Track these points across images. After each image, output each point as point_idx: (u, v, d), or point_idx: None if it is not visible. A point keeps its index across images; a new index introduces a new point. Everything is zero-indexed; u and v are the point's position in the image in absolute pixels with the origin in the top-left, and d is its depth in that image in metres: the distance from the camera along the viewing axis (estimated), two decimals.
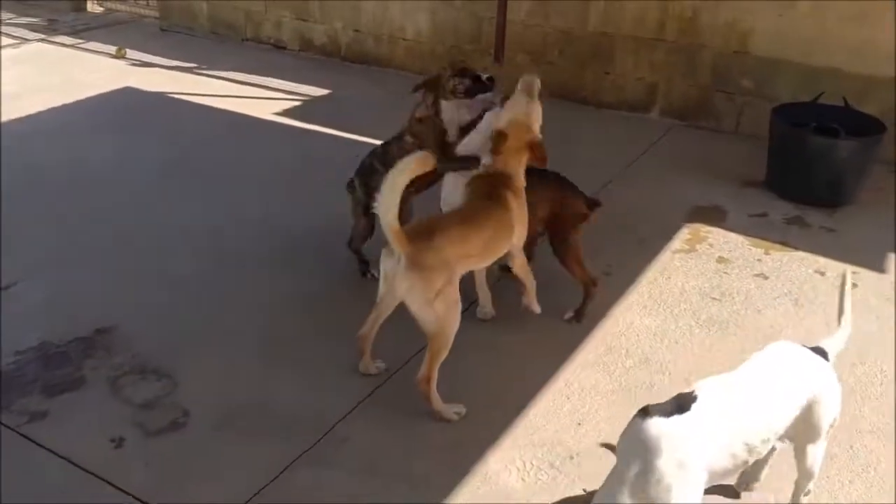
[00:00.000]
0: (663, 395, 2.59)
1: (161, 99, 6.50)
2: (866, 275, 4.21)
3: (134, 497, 2.75)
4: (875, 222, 4.73)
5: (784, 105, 5.16)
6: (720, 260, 4.32)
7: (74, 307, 3.77)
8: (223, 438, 3.04)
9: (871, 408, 3.27)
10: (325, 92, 6.75)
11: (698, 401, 2.21)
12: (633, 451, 2.16)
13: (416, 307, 2.97)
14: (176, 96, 6.54)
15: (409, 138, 3.71)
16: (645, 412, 2.20)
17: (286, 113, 6.27)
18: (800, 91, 5.38)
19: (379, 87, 6.82)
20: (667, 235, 4.53)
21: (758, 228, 4.66)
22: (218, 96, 6.55)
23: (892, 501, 2.44)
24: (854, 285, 4.11)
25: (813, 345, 2.56)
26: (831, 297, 4.00)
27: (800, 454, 2.49)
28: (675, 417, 2.16)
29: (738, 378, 2.37)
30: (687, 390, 2.29)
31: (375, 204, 2.82)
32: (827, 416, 2.42)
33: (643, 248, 4.38)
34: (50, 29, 8.31)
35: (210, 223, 4.58)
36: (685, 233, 4.58)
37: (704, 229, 4.62)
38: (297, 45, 7.67)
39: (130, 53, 7.54)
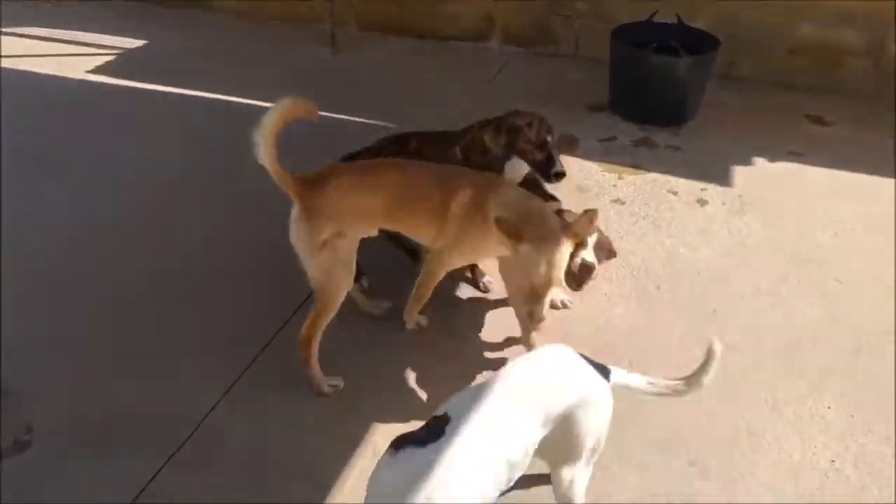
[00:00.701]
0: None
1: None
2: (713, 189, 4.32)
3: None
4: (716, 137, 4.86)
5: (622, 26, 5.15)
6: (578, 189, 4.31)
7: None
8: (78, 454, 2.73)
9: (735, 323, 3.36)
10: (141, 43, 6.17)
11: (451, 423, 2.00)
12: (393, 489, 1.91)
13: (301, 256, 2.85)
14: None
15: (457, 151, 3.32)
16: (396, 445, 1.98)
17: (101, 69, 5.68)
18: (633, 9, 5.38)
19: (201, 35, 6.30)
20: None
21: (609, 153, 4.68)
22: (25, 56, 5.81)
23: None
24: (704, 202, 4.21)
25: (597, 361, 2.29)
26: (686, 215, 4.09)
27: (555, 477, 2.22)
28: (431, 445, 1.95)
29: (495, 389, 2.09)
30: (439, 413, 2.07)
31: None
32: (587, 436, 2.15)
33: None
34: None
35: (24, 212, 4.09)
36: None
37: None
38: None
39: None
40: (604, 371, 2.24)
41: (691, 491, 2.64)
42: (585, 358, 2.23)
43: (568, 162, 4.51)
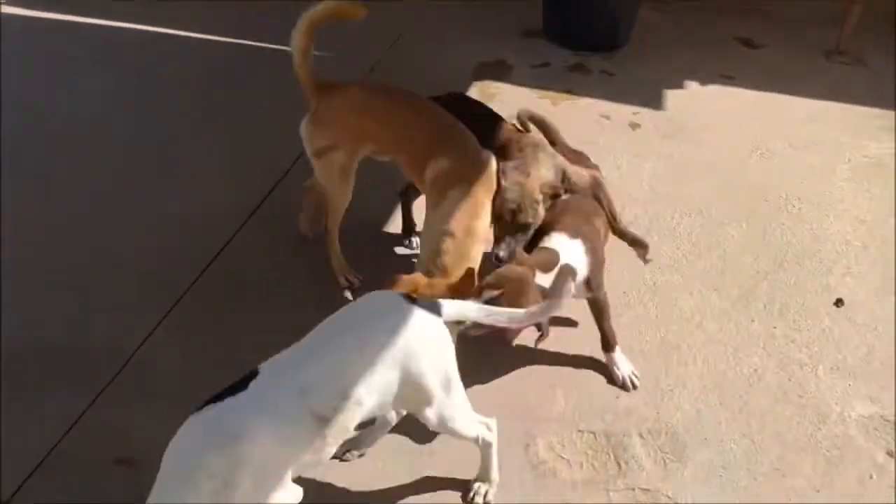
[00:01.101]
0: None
1: None
2: (645, 113, 4.34)
3: None
4: (649, 62, 4.85)
5: None
6: (511, 116, 4.27)
7: None
8: (5, 390, 2.67)
9: (667, 245, 3.42)
10: None
11: (259, 376, 1.99)
12: (195, 453, 1.89)
13: (308, 155, 2.97)
14: None
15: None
16: (198, 407, 1.95)
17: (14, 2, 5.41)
18: None
19: None
20: None
21: (542, 79, 4.65)
22: None
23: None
24: (636, 125, 4.24)
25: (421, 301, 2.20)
26: (617, 139, 4.12)
27: (426, 420, 2.20)
28: (229, 400, 1.94)
29: (312, 340, 2.08)
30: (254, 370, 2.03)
31: None
32: (430, 374, 2.12)
33: None
34: None
35: None
36: (474, 91, 4.48)
37: (493, 86, 4.55)
38: None
39: None
40: (434, 308, 2.17)
41: (619, 407, 2.71)
42: (411, 298, 2.18)
43: (501, 88, 4.54)
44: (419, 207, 3.08)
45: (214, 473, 1.86)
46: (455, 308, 2.19)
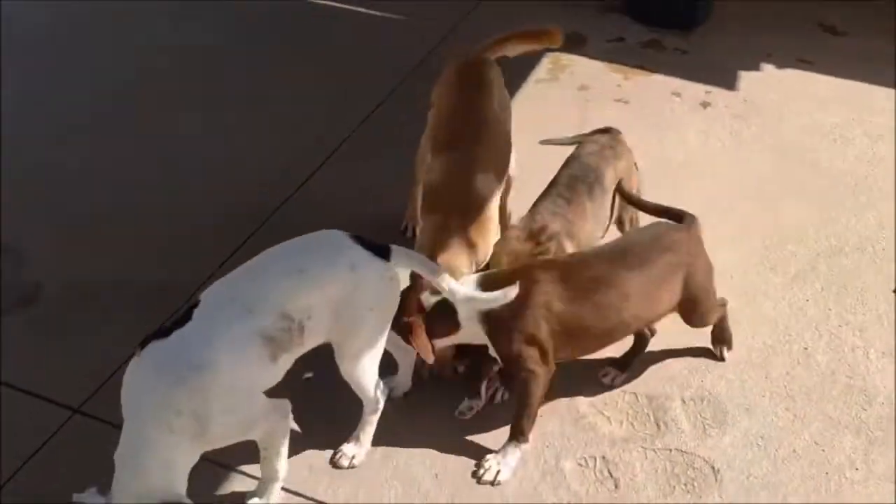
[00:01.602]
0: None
1: None
2: (717, 92, 4.31)
3: None
4: (726, 42, 4.79)
5: None
6: (581, 87, 4.32)
7: None
8: (80, 314, 2.87)
9: (726, 222, 3.42)
10: None
11: (202, 305, 2.06)
12: (157, 392, 1.93)
13: None
14: None
15: None
16: (142, 343, 2.00)
17: None
18: None
19: None
20: (529, 65, 4.46)
21: (617, 53, 4.65)
22: None
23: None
24: (707, 104, 4.22)
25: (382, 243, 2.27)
26: (687, 117, 4.11)
27: (341, 360, 2.28)
28: (179, 333, 1.99)
29: (254, 265, 2.17)
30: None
31: None
32: (364, 312, 2.19)
33: (506, 79, 4.29)
34: None
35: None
36: (546, 62, 4.52)
37: (565, 58, 4.57)
38: None
39: None
40: (382, 252, 2.22)
41: (664, 372, 2.75)
42: (362, 240, 2.22)
43: (573, 60, 4.56)
44: None
45: (182, 410, 1.90)
46: (406, 258, 2.27)
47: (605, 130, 3.11)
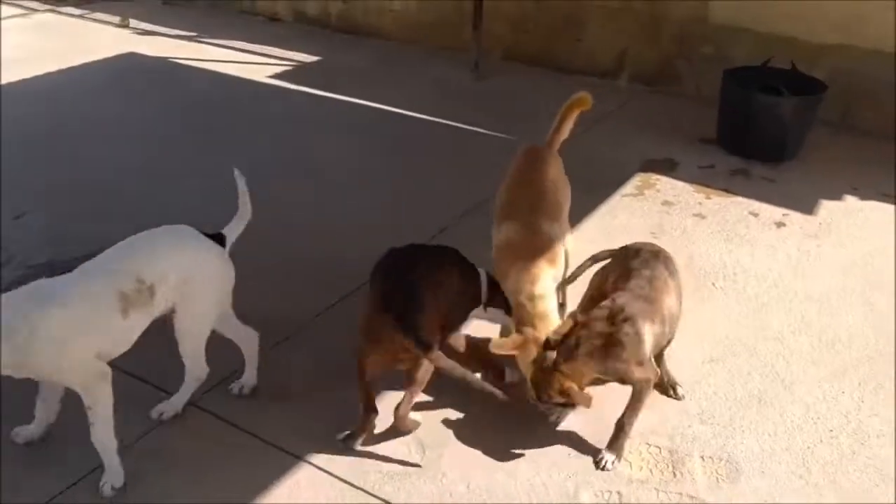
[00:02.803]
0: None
1: (162, 63, 6.95)
2: (795, 215, 4.63)
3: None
4: (813, 175, 5.14)
5: (736, 69, 5.56)
6: (664, 203, 4.75)
7: (76, 231, 4.21)
8: None
9: (778, 319, 3.70)
10: (315, 58, 7.18)
11: (80, 267, 2.68)
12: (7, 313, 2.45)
13: None
14: (176, 61, 6.98)
15: None
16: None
17: (279, 76, 6.70)
18: (755, 57, 5.77)
19: (366, 55, 7.25)
20: (619, 182, 4.96)
21: (704, 178, 5.08)
22: (216, 61, 6.99)
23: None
24: (782, 224, 4.54)
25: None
26: (761, 233, 4.45)
27: (174, 320, 2.84)
28: (54, 278, 2.61)
29: (119, 246, 2.77)
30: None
31: None
32: (203, 293, 2.84)
33: (595, 193, 4.80)
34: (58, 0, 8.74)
35: (202, 167, 5.03)
36: (636, 180, 5.01)
37: (654, 177, 5.05)
38: (291, 17, 8.10)
39: (134, 24, 7.98)
40: (219, 239, 2.91)
41: (689, 433, 3.03)
42: (204, 232, 2.89)
43: (661, 180, 5.02)
44: None
45: (20, 329, 2.40)
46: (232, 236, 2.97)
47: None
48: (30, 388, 2.80)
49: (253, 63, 7.00)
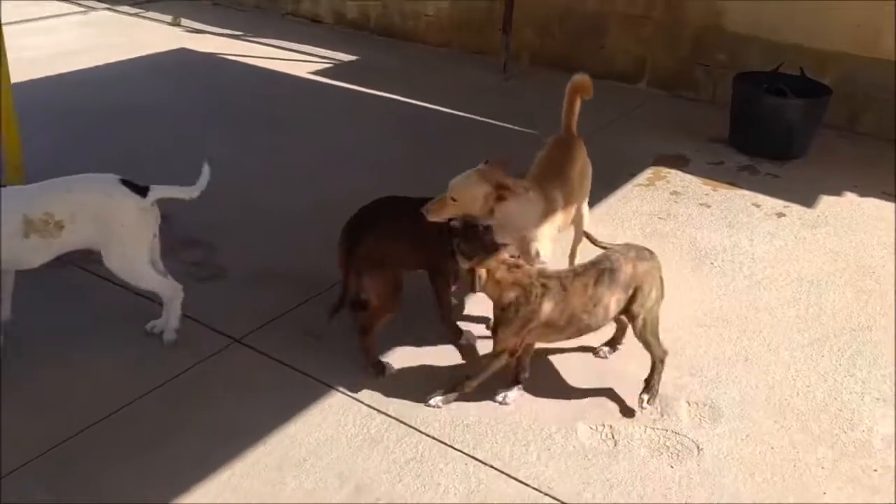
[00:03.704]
0: None
1: (211, 58, 7.44)
2: (795, 207, 4.97)
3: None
4: (816, 173, 5.48)
5: (746, 73, 5.92)
6: (673, 192, 5.11)
7: None
8: (250, 288, 3.92)
9: (770, 294, 4.04)
10: (354, 58, 7.64)
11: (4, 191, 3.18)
12: None
13: None
14: (224, 56, 7.47)
15: None
16: None
17: (319, 73, 7.16)
18: (768, 64, 6.11)
19: (401, 56, 7.70)
20: (632, 174, 5.32)
21: (712, 173, 5.43)
22: (260, 58, 7.46)
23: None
24: (782, 215, 4.88)
25: None
26: (761, 222, 4.78)
27: (108, 261, 3.27)
28: None
29: (43, 183, 3.26)
30: None
31: None
32: (112, 227, 3.19)
33: (610, 182, 5.16)
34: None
35: (246, 155, 5.47)
36: (648, 173, 5.37)
37: (665, 171, 5.41)
38: (332, 19, 8.58)
39: (185, 22, 8.50)
40: (141, 190, 3.24)
41: (679, 383, 3.38)
42: (128, 181, 3.24)
43: (670, 173, 5.37)
44: None
45: None
46: (162, 192, 3.29)
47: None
48: None
49: (295, 60, 7.47)
